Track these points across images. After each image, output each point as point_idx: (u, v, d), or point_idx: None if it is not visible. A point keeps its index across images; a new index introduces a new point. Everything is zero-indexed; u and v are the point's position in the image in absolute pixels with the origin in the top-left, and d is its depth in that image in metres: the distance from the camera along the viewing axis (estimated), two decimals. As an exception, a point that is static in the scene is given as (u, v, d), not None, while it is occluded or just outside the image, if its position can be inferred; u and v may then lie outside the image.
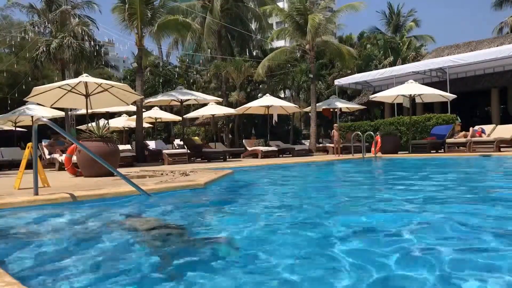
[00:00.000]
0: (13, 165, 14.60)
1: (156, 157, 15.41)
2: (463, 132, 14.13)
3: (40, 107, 16.20)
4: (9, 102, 21.35)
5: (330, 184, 7.21)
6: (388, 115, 23.17)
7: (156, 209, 4.26)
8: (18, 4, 22.37)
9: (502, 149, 12.98)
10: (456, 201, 4.40)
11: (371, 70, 24.40)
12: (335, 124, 17.61)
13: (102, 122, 15.22)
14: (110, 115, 20.20)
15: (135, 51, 23.13)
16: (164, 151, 14.77)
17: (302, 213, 3.91)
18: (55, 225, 3.62)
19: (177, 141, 18.44)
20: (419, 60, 24.63)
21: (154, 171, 8.80)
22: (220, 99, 20.90)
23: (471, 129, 13.81)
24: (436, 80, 20.85)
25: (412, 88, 15.29)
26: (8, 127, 20.15)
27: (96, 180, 6.70)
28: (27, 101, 15.70)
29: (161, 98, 17.54)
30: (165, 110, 24.94)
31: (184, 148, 15.61)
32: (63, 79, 19.22)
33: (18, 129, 19.60)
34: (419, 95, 15.88)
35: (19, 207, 4.01)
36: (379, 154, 14.41)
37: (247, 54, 30.31)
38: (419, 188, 5.65)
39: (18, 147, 17.09)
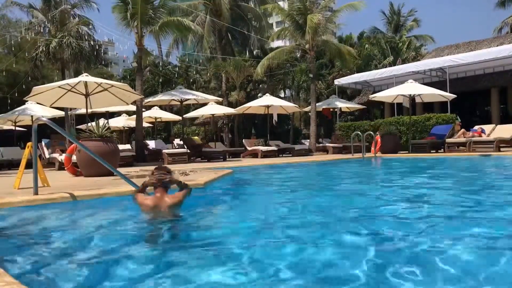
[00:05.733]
0: (12, 164, 14.58)
1: (156, 157, 15.39)
2: (462, 130, 14.14)
3: (40, 107, 16.16)
4: (9, 101, 21.31)
5: (328, 183, 7.21)
6: (388, 115, 23.16)
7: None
8: (18, 4, 22.32)
9: (502, 149, 12.99)
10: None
11: (371, 70, 24.37)
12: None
13: (102, 121, 15.20)
14: (110, 115, 20.19)
15: (135, 50, 23.10)
16: (164, 150, 14.74)
17: (302, 212, 3.91)
18: (55, 225, 3.62)
19: (177, 141, 18.41)
20: (419, 60, 24.59)
21: (154, 170, 8.76)
22: (220, 99, 20.86)
23: (470, 132, 13.89)
24: (436, 80, 20.83)
25: (412, 88, 15.27)
26: (8, 126, 20.10)
27: (96, 180, 6.69)
28: (27, 101, 15.69)
29: (161, 97, 17.52)
30: (165, 110, 24.88)
31: (184, 148, 15.58)
32: (63, 78, 19.19)
33: (18, 128, 19.57)
34: (419, 95, 15.87)
35: (19, 206, 4.00)
36: (379, 153, 14.42)
37: (247, 53, 30.28)
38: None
39: (17, 146, 17.07)
